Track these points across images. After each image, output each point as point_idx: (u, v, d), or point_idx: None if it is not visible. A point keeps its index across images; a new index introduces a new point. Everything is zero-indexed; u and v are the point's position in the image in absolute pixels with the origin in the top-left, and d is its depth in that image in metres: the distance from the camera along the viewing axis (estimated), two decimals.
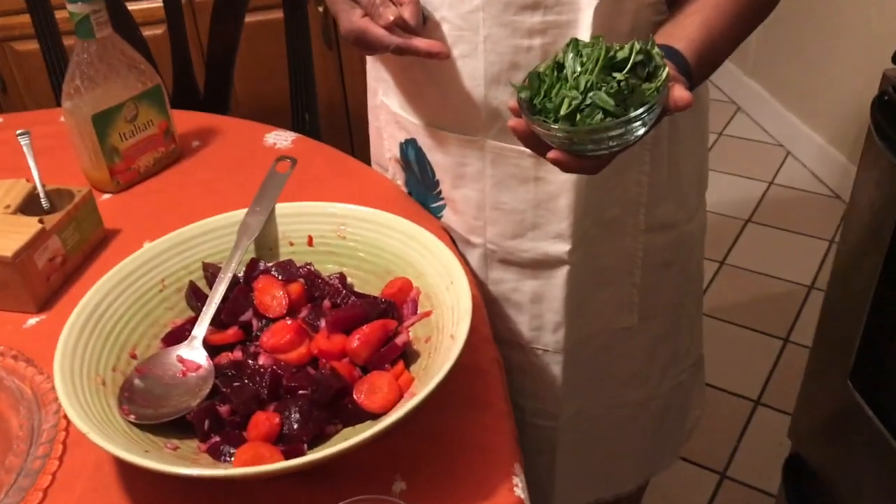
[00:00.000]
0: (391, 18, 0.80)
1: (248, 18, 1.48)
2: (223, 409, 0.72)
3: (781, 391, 1.82)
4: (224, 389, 0.73)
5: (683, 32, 0.78)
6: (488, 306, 0.99)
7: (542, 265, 0.97)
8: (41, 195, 0.98)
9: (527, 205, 0.93)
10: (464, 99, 0.88)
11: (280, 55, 1.48)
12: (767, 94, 2.67)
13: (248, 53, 1.74)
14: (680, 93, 0.68)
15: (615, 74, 0.66)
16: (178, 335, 0.79)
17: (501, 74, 0.85)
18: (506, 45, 0.83)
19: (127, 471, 0.70)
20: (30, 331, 0.88)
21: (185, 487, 0.69)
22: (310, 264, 0.84)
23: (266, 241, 0.88)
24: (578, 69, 0.68)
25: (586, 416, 1.11)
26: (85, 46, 1.02)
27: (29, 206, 0.97)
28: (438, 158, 0.97)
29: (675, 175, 0.98)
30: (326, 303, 0.80)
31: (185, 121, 1.22)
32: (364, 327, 0.75)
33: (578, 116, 0.66)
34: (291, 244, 0.88)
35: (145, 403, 0.72)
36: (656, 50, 0.68)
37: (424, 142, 0.97)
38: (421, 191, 1.03)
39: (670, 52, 0.75)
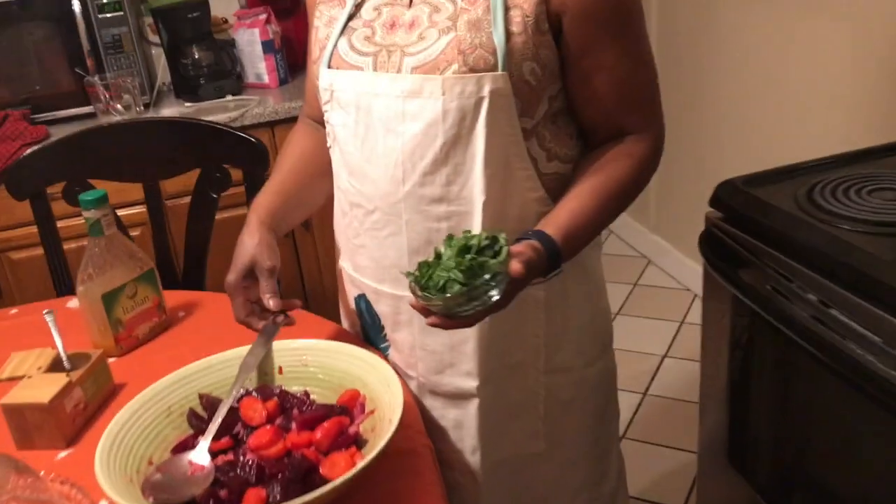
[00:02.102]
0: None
1: (221, 215, 1.80)
2: (222, 493, 0.96)
3: None
4: (222, 478, 0.97)
5: (554, 220, 1.06)
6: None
7: (458, 397, 1.19)
8: (63, 358, 1.24)
9: (444, 347, 1.17)
10: (394, 265, 1.14)
11: None
12: (670, 246, 3.06)
13: (222, 242, 2.05)
14: (515, 266, 0.93)
15: (467, 256, 0.93)
16: (184, 446, 1.04)
17: (420, 248, 1.11)
18: (421, 227, 1.10)
19: None
20: (60, 463, 1.11)
21: None
22: (280, 386, 1.11)
23: (259, 372, 1.14)
24: (449, 254, 0.95)
25: None
26: (96, 242, 1.31)
27: (55, 367, 1.22)
28: (381, 309, 1.22)
29: (568, 330, 1.20)
30: (295, 411, 1.06)
31: (172, 297, 1.50)
32: (325, 423, 1.01)
33: (447, 290, 0.92)
34: (266, 374, 1.14)
35: (162, 491, 0.96)
36: (502, 235, 0.95)
37: (371, 296, 1.23)
38: (373, 334, 1.27)
39: (542, 235, 1.03)
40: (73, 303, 1.48)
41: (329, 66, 1.13)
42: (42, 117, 2.34)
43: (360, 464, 0.90)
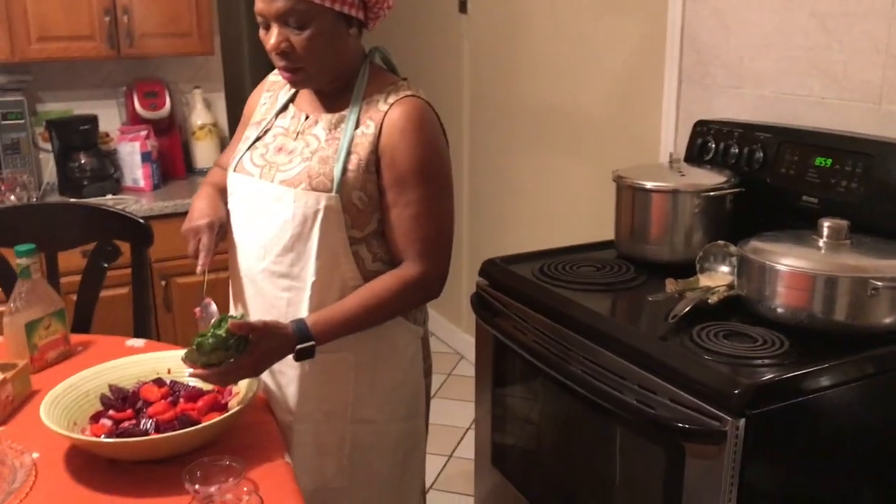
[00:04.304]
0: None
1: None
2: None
3: None
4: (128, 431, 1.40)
5: (319, 312, 1.46)
6: None
7: (284, 427, 1.56)
8: None
9: (276, 386, 1.58)
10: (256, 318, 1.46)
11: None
12: None
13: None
14: (231, 325, 1.33)
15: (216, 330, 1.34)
16: (99, 416, 1.46)
17: (268, 310, 1.54)
18: (271, 294, 1.54)
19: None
20: None
21: (108, 467, 1.34)
22: (171, 379, 1.56)
23: (150, 372, 1.58)
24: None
25: None
26: (23, 283, 1.73)
27: None
28: None
29: (374, 390, 1.57)
30: (182, 391, 1.51)
31: (74, 335, 1.91)
32: (205, 395, 1.47)
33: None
34: (158, 373, 1.59)
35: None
36: (236, 315, 1.43)
37: None
38: None
39: (299, 320, 1.42)
40: None
41: (234, 170, 1.60)
42: None
43: (225, 415, 1.37)
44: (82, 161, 2.90)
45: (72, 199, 2.88)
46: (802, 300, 1.50)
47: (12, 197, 2.67)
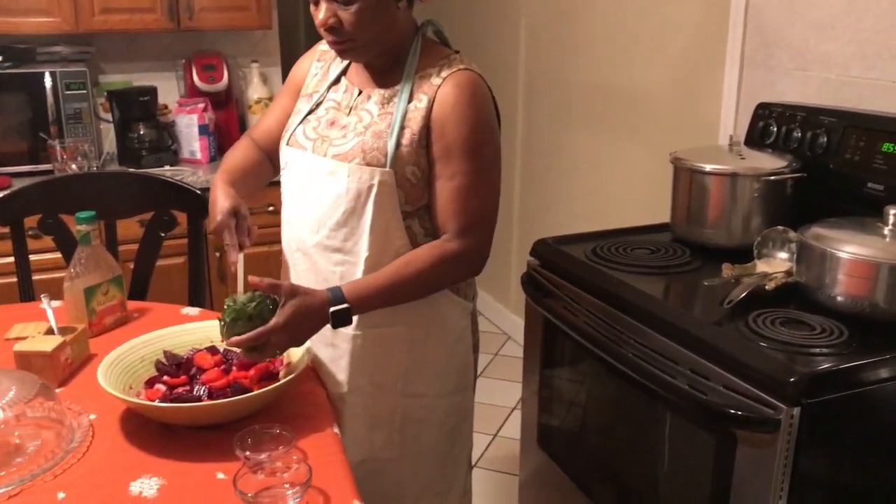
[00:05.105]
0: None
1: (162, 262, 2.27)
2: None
3: None
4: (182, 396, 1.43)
5: (357, 281, 1.47)
6: None
7: (335, 399, 1.58)
8: (55, 328, 1.67)
9: (329, 358, 1.59)
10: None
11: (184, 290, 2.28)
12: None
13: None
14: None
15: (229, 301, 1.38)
16: (154, 381, 1.49)
17: (321, 283, 1.52)
18: (324, 268, 1.55)
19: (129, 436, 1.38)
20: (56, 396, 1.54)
21: (161, 431, 1.37)
22: (224, 348, 1.59)
23: (203, 340, 1.61)
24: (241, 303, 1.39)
25: None
26: (83, 249, 1.77)
27: (48, 334, 1.65)
28: None
29: (426, 364, 1.58)
30: (235, 360, 1.53)
31: (130, 302, 1.95)
32: (258, 364, 1.49)
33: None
34: (212, 341, 1.61)
35: None
36: (272, 297, 1.40)
37: None
38: None
39: (335, 288, 1.43)
40: (42, 304, 1.88)
41: (287, 144, 1.60)
42: (3, 170, 2.76)
43: (276, 384, 1.39)
44: (141, 132, 2.96)
45: (130, 170, 2.93)
46: (864, 289, 1.46)
47: (73, 165, 2.73)
